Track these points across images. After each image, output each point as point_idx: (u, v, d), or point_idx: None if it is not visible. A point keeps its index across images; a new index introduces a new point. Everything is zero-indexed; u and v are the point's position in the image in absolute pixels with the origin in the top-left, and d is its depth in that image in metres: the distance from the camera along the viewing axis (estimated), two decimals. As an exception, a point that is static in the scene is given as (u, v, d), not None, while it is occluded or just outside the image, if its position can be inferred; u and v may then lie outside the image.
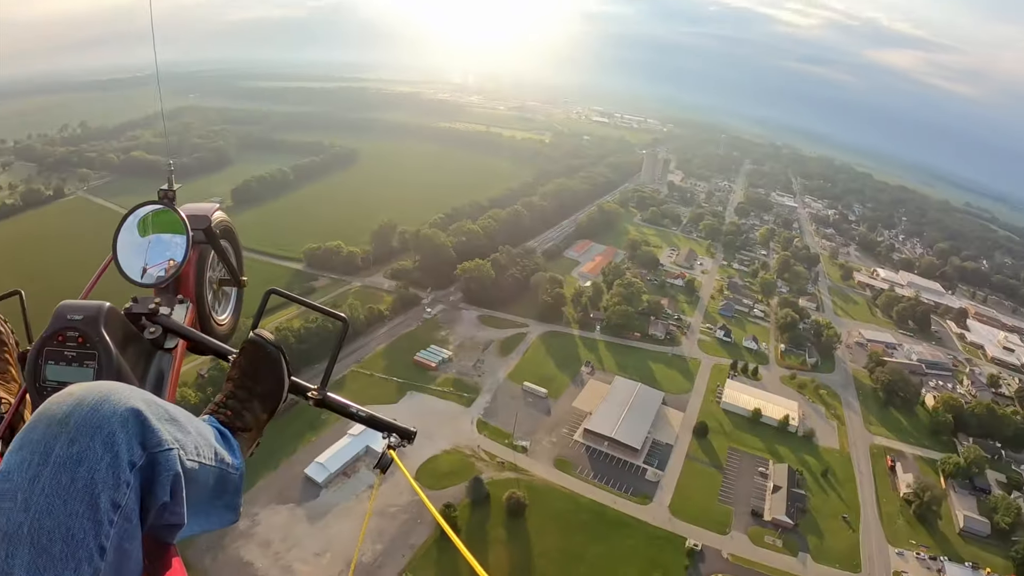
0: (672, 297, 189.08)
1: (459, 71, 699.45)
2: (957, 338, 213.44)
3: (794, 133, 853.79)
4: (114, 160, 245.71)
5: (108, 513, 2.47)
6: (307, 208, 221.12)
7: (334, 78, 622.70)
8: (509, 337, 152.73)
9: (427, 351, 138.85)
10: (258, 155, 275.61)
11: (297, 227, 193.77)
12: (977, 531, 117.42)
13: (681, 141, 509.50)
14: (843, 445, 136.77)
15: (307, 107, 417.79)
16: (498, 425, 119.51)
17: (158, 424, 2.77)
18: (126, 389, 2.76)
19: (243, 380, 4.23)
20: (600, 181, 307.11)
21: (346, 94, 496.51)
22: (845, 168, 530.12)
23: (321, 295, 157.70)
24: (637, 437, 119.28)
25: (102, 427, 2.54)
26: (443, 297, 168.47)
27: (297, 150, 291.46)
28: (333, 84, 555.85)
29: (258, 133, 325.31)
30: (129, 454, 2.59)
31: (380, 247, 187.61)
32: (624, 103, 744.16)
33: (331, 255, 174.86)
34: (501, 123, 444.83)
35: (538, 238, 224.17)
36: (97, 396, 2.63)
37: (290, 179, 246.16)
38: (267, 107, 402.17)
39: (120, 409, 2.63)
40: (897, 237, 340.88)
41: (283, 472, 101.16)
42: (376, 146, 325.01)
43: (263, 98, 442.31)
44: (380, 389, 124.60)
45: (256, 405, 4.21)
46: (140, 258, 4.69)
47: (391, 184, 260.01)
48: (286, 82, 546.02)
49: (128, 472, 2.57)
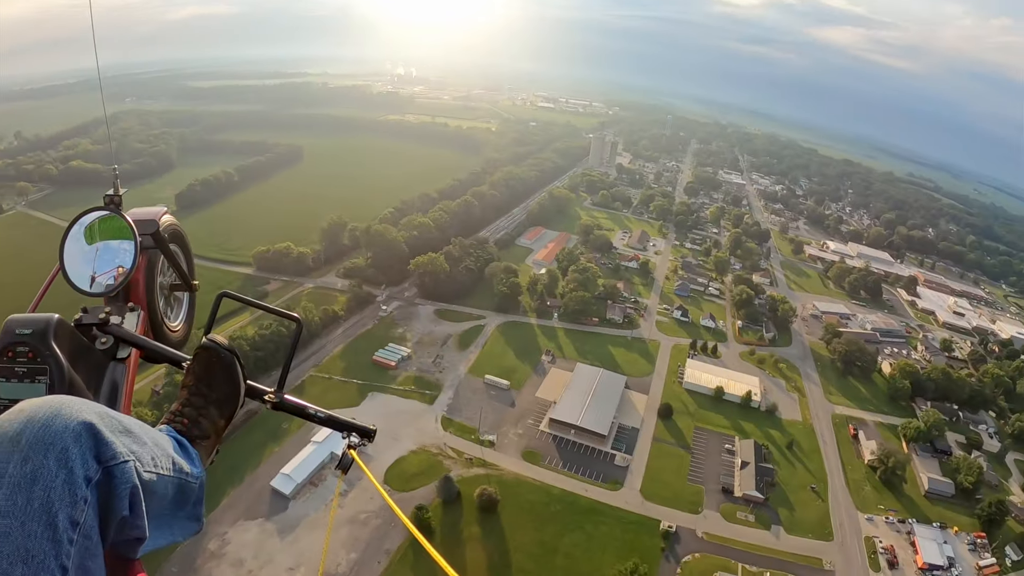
0: (627, 280, 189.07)
1: (402, 62, 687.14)
2: (908, 305, 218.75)
3: (739, 112, 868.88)
4: (53, 171, 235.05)
5: (67, 532, 2.44)
6: (254, 209, 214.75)
7: (276, 74, 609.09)
8: (467, 330, 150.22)
9: (386, 350, 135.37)
10: (201, 157, 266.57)
11: (245, 230, 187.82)
12: (942, 492, 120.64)
13: (627, 123, 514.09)
14: (805, 417, 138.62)
15: (250, 105, 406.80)
16: (463, 421, 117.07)
17: (112, 436, 2.75)
18: (77, 403, 2.73)
19: (198, 387, 4.18)
20: (548, 167, 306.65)
21: (289, 90, 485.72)
22: (790, 144, 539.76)
23: (274, 299, 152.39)
24: (603, 423, 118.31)
25: (55, 443, 2.51)
26: (398, 293, 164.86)
27: (241, 150, 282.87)
28: (276, 80, 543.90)
29: (200, 135, 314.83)
30: (84, 469, 2.56)
31: (331, 246, 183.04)
32: (569, 88, 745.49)
33: (281, 257, 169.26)
34: (447, 113, 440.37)
35: (490, 228, 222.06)
36: (48, 412, 2.60)
37: (235, 180, 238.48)
38: (209, 107, 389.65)
39: (72, 424, 2.60)
40: (844, 209, 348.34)
41: (249, 486, 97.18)
42: (321, 142, 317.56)
43: (204, 98, 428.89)
44: (340, 392, 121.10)
45: (213, 412, 4.17)
46: (88, 266, 4.58)
47: (338, 180, 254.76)
48: (228, 80, 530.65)
49: (84, 488, 2.54)
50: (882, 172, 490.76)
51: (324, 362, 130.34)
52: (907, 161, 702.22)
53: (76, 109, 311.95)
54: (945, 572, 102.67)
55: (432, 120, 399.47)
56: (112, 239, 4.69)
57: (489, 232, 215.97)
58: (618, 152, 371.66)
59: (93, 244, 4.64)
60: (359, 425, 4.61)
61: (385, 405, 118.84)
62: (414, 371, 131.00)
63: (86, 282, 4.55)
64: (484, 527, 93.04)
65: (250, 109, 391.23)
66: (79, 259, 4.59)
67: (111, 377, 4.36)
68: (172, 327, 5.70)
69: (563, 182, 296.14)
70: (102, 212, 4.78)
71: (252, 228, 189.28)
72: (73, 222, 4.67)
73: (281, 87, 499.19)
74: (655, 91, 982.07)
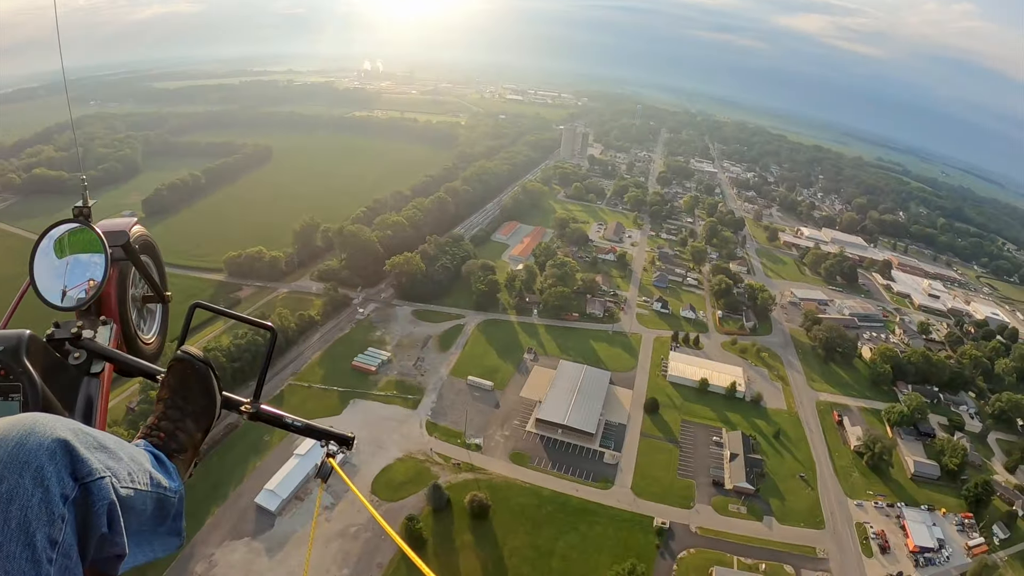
0: (605, 273, 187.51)
1: (368, 57, 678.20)
2: (884, 289, 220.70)
3: (707, 100, 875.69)
4: (16, 180, 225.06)
5: (46, 551, 2.43)
6: (224, 213, 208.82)
7: (241, 73, 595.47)
8: (447, 331, 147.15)
9: (365, 355, 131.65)
10: (167, 161, 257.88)
11: (215, 235, 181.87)
12: (928, 474, 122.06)
13: (597, 114, 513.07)
14: (790, 405, 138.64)
15: (216, 106, 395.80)
16: (448, 425, 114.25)
17: (87, 453, 2.74)
18: (51, 419, 2.73)
19: (174, 400, 4.20)
20: (521, 160, 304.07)
21: (255, 89, 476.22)
22: (760, 131, 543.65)
23: (247, 305, 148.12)
24: (590, 421, 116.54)
25: (29, 462, 2.50)
26: (374, 295, 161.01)
27: (208, 152, 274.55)
28: (242, 79, 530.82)
29: (166, 137, 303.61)
30: (61, 487, 2.55)
31: (304, 248, 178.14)
32: (537, 80, 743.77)
33: (253, 262, 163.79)
34: (415, 108, 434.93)
35: (464, 224, 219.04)
36: (21, 430, 2.60)
37: (203, 183, 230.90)
38: (174, 108, 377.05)
39: (46, 441, 2.59)
40: (816, 195, 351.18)
41: (233, 504, 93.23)
42: (290, 141, 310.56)
43: (170, 100, 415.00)
44: (320, 401, 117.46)
45: (189, 424, 4.17)
46: (59, 280, 4.60)
47: (309, 180, 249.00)
48: (193, 80, 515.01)
49: (62, 506, 2.54)
50: (852, 157, 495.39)
51: (303, 370, 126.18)
52: (876, 146, 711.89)
53: (39, 115, 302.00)
54: (935, 554, 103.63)
55: (401, 116, 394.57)
56: (82, 252, 4.65)
57: (464, 229, 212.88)
58: (589, 143, 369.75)
59: (63, 258, 4.61)
60: (337, 433, 4.65)
61: (368, 412, 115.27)
62: (395, 375, 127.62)
63: (57, 296, 4.51)
64: (477, 534, 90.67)
65: (216, 109, 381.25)
66: (49, 273, 4.55)
67: (85, 392, 4.33)
68: (146, 339, 5.63)
69: (536, 175, 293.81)
70: (71, 225, 4.73)
71: (222, 232, 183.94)
72: (42, 236, 4.63)
73: (246, 86, 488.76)
74: (623, 81, 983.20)
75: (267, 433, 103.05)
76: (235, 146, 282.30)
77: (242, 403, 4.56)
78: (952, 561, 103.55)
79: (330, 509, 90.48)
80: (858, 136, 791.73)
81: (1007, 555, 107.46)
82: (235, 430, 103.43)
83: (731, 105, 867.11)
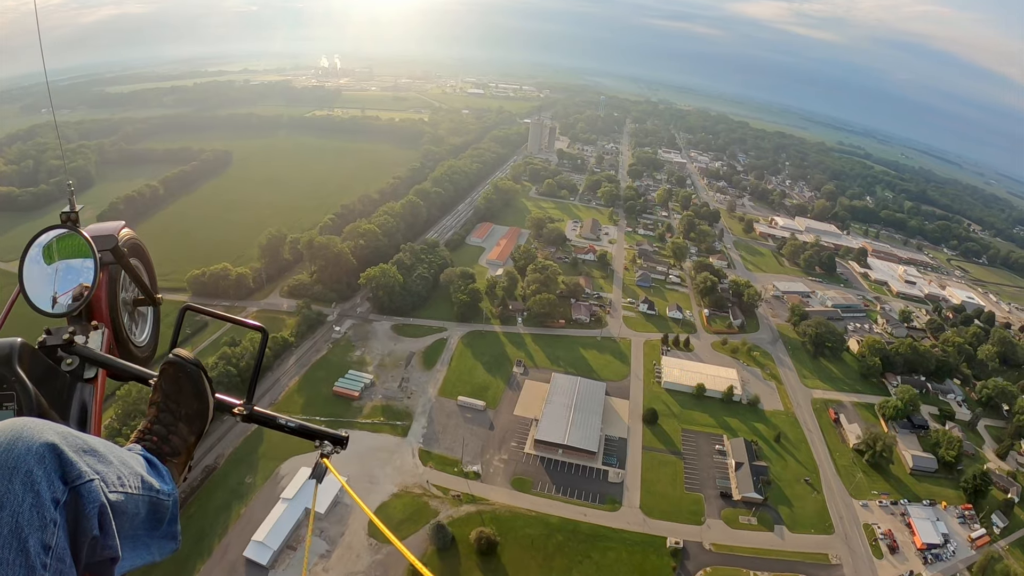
0: (587, 274, 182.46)
1: (325, 54, 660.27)
2: (861, 278, 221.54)
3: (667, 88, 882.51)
4: None
5: (40, 556, 2.42)
6: (184, 226, 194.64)
7: (196, 73, 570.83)
8: (430, 346, 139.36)
9: (346, 379, 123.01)
10: (122, 170, 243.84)
11: (176, 250, 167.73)
12: (926, 468, 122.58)
13: (561, 106, 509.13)
14: (787, 405, 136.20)
15: (171, 109, 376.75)
16: (442, 452, 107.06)
17: (76, 456, 2.74)
18: (38, 423, 2.74)
19: (166, 403, 4.17)
20: (489, 158, 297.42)
21: (211, 90, 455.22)
22: (722, 119, 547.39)
23: (215, 328, 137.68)
24: (591, 439, 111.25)
25: (18, 467, 2.50)
26: (350, 310, 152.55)
27: (165, 159, 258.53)
28: (196, 80, 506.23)
29: (120, 145, 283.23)
30: (51, 491, 2.56)
31: (272, 263, 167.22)
32: (497, 72, 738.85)
33: (219, 280, 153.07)
34: (376, 105, 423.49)
35: (437, 227, 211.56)
36: (9, 435, 2.60)
37: (160, 195, 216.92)
38: (128, 114, 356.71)
39: (35, 445, 2.59)
40: (784, 183, 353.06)
41: (220, 559, 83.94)
42: (249, 144, 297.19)
43: (124, 104, 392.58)
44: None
45: (183, 428, 4.16)
46: (49, 287, 4.59)
47: (272, 186, 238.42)
48: (147, 83, 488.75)
49: (53, 510, 2.54)
50: (815, 142, 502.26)
51: (281, 399, 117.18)
52: (836, 129, 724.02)
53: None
54: (942, 549, 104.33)
55: (362, 114, 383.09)
56: (71, 257, 4.61)
57: (437, 233, 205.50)
58: (556, 136, 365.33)
59: (52, 264, 4.58)
60: (331, 432, 4.57)
61: (355, 443, 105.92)
62: (380, 399, 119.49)
63: (48, 303, 4.49)
64: (487, 572, 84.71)
65: (171, 113, 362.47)
66: (39, 280, 4.52)
67: (79, 398, 4.31)
68: (138, 343, 5.63)
69: (506, 172, 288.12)
70: (59, 230, 4.67)
71: (184, 248, 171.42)
72: (30, 243, 4.57)
73: (201, 87, 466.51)
74: (583, 71, 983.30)
75: (249, 475, 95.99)
76: (193, 152, 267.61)
77: (235, 405, 4.52)
78: (958, 555, 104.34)
79: (326, 557, 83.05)
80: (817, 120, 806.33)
81: (1007, 544, 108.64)
82: (214, 472, 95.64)
83: (691, 92, 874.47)
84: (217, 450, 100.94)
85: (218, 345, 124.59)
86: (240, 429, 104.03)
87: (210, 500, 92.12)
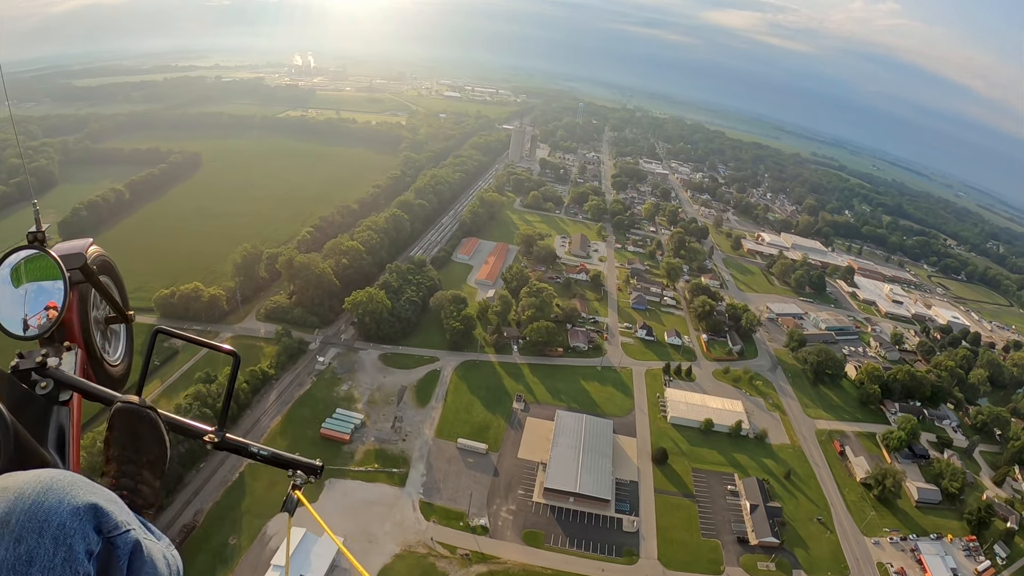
0: (581, 296, 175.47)
1: (298, 51, 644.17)
2: (850, 297, 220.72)
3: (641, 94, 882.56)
4: None
5: None
6: (152, 237, 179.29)
7: (166, 68, 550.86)
8: (422, 379, 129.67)
9: (334, 419, 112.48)
10: (87, 171, 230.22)
11: (142, 265, 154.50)
12: (930, 500, 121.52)
13: (538, 112, 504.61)
14: (793, 438, 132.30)
15: (140, 105, 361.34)
16: (446, 503, 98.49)
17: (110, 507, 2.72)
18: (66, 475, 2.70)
19: (125, 454, 4.04)
20: (471, 166, 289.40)
21: (181, 86, 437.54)
22: (698, 128, 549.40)
23: (186, 356, 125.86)
24: (603, 485, 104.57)
25: (49, 520, 2.43)
26: (333, 337, 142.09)
27: (132, 160, 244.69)
28: (166, 76, 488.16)
29: (86, 143, 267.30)
30: (85, 543, 2.50)
31: (247, 281, 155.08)
32: (471, 74, 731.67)
33: (190, 301, 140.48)
34: (351, 106, 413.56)
35: (422, 242, 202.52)
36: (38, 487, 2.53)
37: (127, 200, 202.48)
38: (95, 109, 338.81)
39: (68, 499, 2.54)
40: (766, 196, 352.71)
41: None
42: (220, 145, 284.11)
43: (91, 98, 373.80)
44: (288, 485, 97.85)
45: (147, 475, 4.06)
46: (19, 309, 4.49)
47: (244, 192, 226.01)
48: (115, 77, 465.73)
49: (87, 563, 2.48)
50: (790, 153, 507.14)
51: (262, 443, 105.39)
52: (807, 140, 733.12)
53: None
54: None
55: (337, 115, 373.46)
56: (40, 279, 4.50)
57: (422, 248, 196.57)
58: (537, 144, 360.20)
59: (21, 286, 4.47)
60: (304, 461, 4.64)
61: (349, 495, 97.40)
62: (373, 442, 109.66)
63: (19, 326, 4.39)
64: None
65: (140, 109, 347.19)
66: (8, 303, 4.43)
67: (56, 422, 4.24)
68: (112, 362, 5.52)
69: (488, 182, 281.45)
70: (27, 252, 4.56)
71: (151, 261, 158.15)
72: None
73: (171, 83, 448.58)
74: (557, 75, 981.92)
75: (233, 534, 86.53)
76: (161, 153, 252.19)
77: (206, 432, 4.41)
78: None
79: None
80: (788, 130, 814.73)
81: (1011, 574, 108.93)
82: (193, 532, 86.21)
83: (665, 99, 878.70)
84: (195, 504, 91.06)
85: (190, 377, 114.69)
86: (219, 480, 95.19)
87: (191, 566, 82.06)
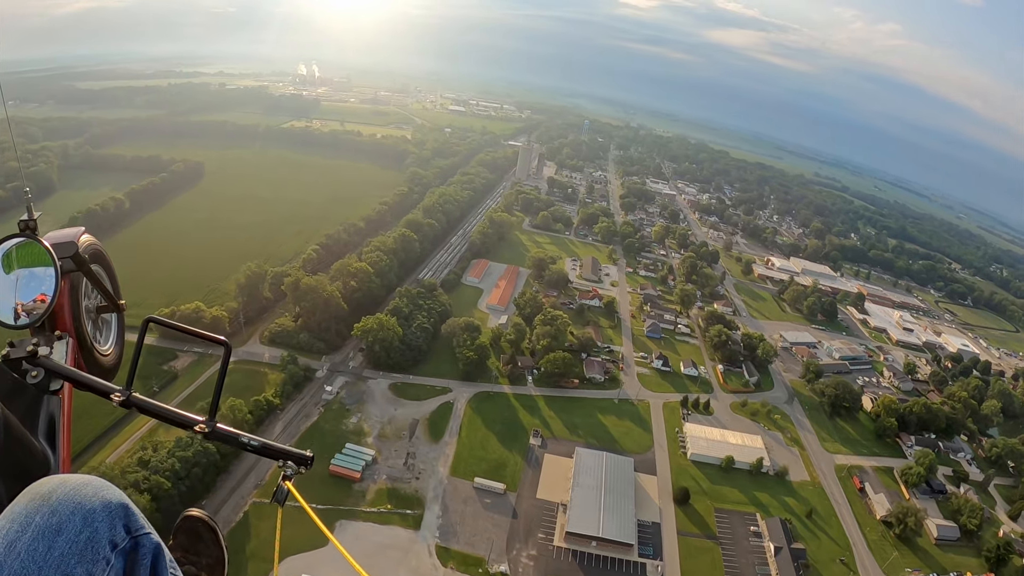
0: (594, 323, 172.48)
1: (303, 60, 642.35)
2: (861, 324, 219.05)
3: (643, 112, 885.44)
4: None
5: None
6: (151, 250, 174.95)
7: (171, 73, 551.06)
8: (435, 411, 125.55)
9: (344, 455, 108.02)
10: (87, 177, 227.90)
11: (141, 278, 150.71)
12: (949, 537, 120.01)
13: (543, 128, 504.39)
14: (812, 475, 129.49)
15: (143, 111, 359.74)
16: (463, 548, 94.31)
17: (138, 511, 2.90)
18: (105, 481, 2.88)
19: (187, 557, 4.38)
20: (479, 184, 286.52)
21: (185, 92, 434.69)
22: (703, 147, 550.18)
23: (188, 379, 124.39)
24: (627, 528, 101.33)
25: (83, 504, 2.67)
26: (340, 364, 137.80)
27: (133, 168, 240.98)
28: (170, 81, 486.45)
29: (86, 148, 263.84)
30: (111, 533, 2.71)
31: (250, 302, 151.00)
32: (475, 88, 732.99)
33: (192, 323, 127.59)
34: (355, 118, 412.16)
35: (430, 263, 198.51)
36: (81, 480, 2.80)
37: (126, 210, 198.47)
38: (97, 113, 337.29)
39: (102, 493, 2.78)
40: (772, 218, 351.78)
41: None
42: (223, 155, 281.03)
43: (93, 101, 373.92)
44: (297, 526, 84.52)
45: None
46: (9, 298, 4.51)
47: (247, 204, 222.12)
48: (119, 80, 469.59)
49: (108, 550, 2.68)
50: (795, 174, 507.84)
51: (268, 480, 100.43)
52: (807, 159, 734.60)
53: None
54: None
55: (342, 127, 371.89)
56: (31, 266, 4.50)
57: (431, 270, 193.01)
58: (544, 162, 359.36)
59: (12, 273, 4.46)
60: (294, 452, 4.44)
61: (361, 539, 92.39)
62: (385, 481, 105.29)
63: (9, 315, 4.42)
64: None
65: (142, 115, 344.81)
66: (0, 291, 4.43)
67: (47, 411, 4.28)
68: (103, 351, 5.52)
69: (496, 200, 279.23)
70: (18, 239, 4.54)
71: (149, 275, 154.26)
72: None
73: (175, 88, 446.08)
74: (560, 91, 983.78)
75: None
76: (163, 162, 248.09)
77: (197, 422, 4.36)
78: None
79: None
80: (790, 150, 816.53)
81: None
82: None
83: (667, 117, 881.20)
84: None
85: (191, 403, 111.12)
86: (221, 520, 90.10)
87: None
